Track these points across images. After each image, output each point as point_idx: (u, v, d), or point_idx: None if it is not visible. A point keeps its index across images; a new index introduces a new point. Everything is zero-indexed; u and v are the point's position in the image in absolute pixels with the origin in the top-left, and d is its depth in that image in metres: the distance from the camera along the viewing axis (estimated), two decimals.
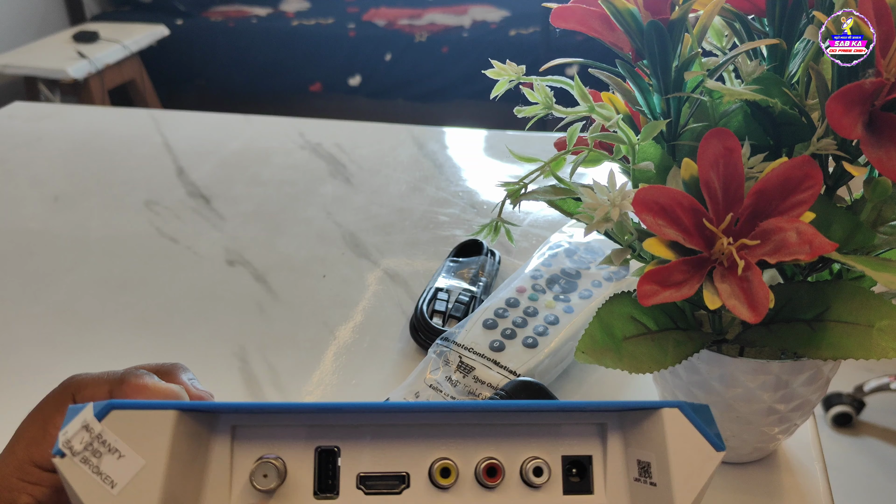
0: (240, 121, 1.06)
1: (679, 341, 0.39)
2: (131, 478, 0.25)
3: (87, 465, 0.25)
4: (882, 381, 1.62)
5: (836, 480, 0.50)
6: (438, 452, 0.29)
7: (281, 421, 0.28)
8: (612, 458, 0.29)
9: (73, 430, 0.25)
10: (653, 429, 0.28)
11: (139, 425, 0.26)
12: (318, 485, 0.28)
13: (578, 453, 0.29)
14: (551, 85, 0.42)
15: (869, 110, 0.34)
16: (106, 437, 0.25)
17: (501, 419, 0.29)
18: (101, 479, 0.25)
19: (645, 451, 0.29)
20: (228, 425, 0.28)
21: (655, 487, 0.28)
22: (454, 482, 0.28)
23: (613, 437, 0.30)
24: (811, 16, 0.39)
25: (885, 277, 0.33)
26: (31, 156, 0.97)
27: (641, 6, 0.38)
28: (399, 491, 0.28)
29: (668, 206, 0.35)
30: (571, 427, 0.30)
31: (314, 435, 0.28)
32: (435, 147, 0.97)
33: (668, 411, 0.28)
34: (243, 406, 0.27)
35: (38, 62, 2.37)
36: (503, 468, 0.29)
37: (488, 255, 0.68)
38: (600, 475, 0.29)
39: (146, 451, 0.25)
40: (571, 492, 0.29)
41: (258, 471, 0.27)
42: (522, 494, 0.29)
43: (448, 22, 2.81)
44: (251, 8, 3.03)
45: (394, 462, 0.29)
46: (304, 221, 0.80)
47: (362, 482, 0.28)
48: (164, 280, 0.71)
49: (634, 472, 0.29)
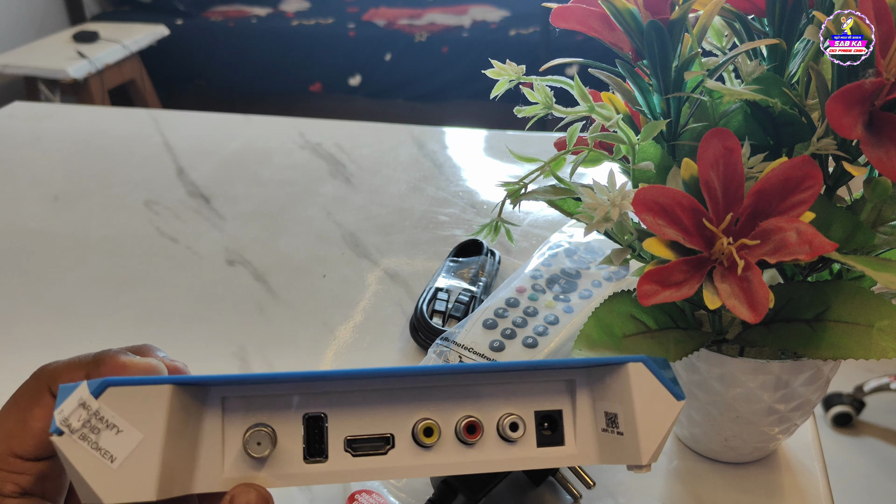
0: (240, 121, 1.06)
1: (679, 340, 0.39)
2: (130, 452, 0.26)
3: (85, 441, 0.25)
4: (882, 381, 1.62)
5: (836, 480, 0.50)
6: (420, 413, 0.30)
7: (269, 391, 0.29)
8: (580, 411, 0.32)
9: (69, 409, 0.26)
10: (619, 382, 0.30)
11: (135, 401, 0.26)
12: (307, 450, 0.29)
13: (549, 408, 0.31)
14: (551, 85, 0.42)
15: (869, 110, 0.34)
16: (103, 413, 0.26)
17: (477, 380, 0.31)
18: (101, 455, 0.26)
19: (612, 403, 0.31)
20: (219, 397, 0.29)
21: (622, 436, 0.30)
22: (437, 440, 0.30)
23: (582, 392, 0.32)
24: (811, 16, 0.39)
25: (885, 277, 0.33)
26: (31, 156, 0.97)
27: (641, 6, 0.38)
28: (385, 451, 0.30)
29: (668, 206, 0.35)
30: (543, 384, 0.31)
31: (301, 403, 0.30)
32: (435, 147, 0.97)
33: (633, 365, 0.30)
34: (233, 378, 0.28)
35: (38, 62, 2.37)
36: (482, 425, 0.30)
37: (488, 255, 0.68)
38: (570, 428, 0.32)
39: (143, 426, 0.26)
40: (544, 444, 0.31)
41: (251, 439, 0.28)
42: (500, 449, 0.31)
43: (448, 22, 2.81)
44: (251, 8, 3.03)
45: (378, 425, 0.30)
46: (304, 221, 0.80)
47: (349, 445, 0.30)
48: (164, 280, 0.71)
49: (602, 423, 0.31)
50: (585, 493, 0.46)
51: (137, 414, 0.26)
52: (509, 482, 0.48)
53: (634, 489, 0.48)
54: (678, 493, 0.47)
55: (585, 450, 0.31)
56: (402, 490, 0.46)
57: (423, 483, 0.47)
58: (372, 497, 0.45)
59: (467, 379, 0.31)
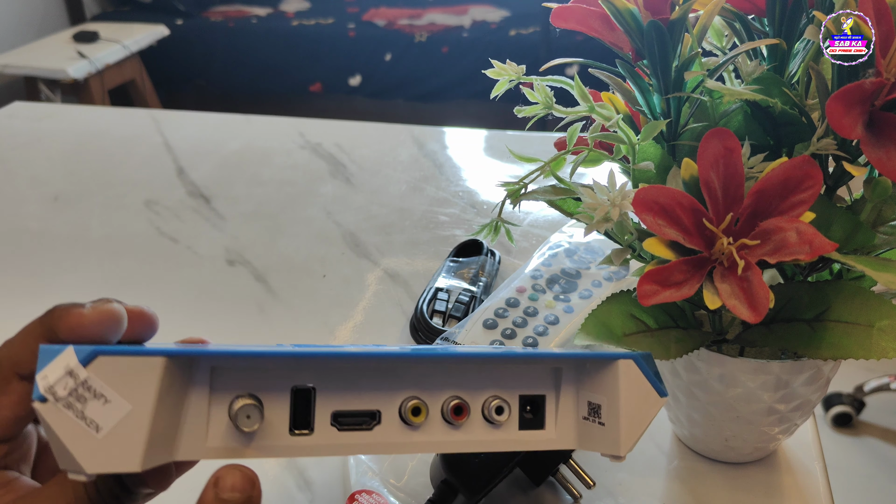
0: (240, 121, 1.06)
1: (679, 339, 0.39)
2: (117, 422, 0.25)
3: (70, 410, 0.24)
4: (882, 381, 1.62)
5: (836, 480, 0.50)
6: (409, 392, 0.31)
7: (258, 364, 0.29)
8: (564, 398, 0.33)
9: (54, 376, 0.24)
10: (607, 376, 0.32)
11: (126, 371, 0.25)
12: (293, 422, 0.29)
13: (534, 393, 0.32)
14: (551, 85, 0.42)
15: (869, 110, 0.34)
16: (91, 383, 0.25)
17: (467, 364, 0.32)
18: (86, 424, 0.25)
19: (597, 394, 0.32)
20: (208, 367, 0.28)
21: (603, 426, 0.32)
22: (424, 420, 0.31)
23: (567, 381, 0.33)
24: (811, 16, 0.39)
25: (885, 277, 0.33)
26: (31, 156, 0.97)
27: (641, 6, 0.38)
28: (371, 427, 0.30)
29: (668, 206, 0.35)
30: (530, 371, 0.33)
31: (290, 377, 0.29)
32: (435, 147, 0.97)
33: (623, 362, 0.31)
34: (225, 351, 0.28)
35: (38, 62, 2.37)
36: (468, 407, 0.31)
37: (488, 255, 0.68)
38: (552, 413, 0.33)
39: (133, 397, 0.25)
40: (526, 427, 0.32)
41: (241, 413, 0.28)
42: (484, 431, 0.32)
43: (448, 22, 2.81)
44: (251, 8, 3.03)
45: (366, 401, 0.30)
46: (304, 221, 0.80)
47: (336, 419, 0.30)
48: (164, 280, 0.71)
49: (584, 411, 0.32)
50: (585, 493, 0.46)
51: (127, 384, 0.25)
52: (509, 482, 0.48)
53: (635, 489, 0.48)
54: (678, 493, 0.47)
55: (564, 435, 0.33)
56: (402, 490, 0.46)
57: (423, 483, 0.47)
58: (372, 497, 0.45)
59: (456, 363, 0.31)
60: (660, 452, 0.50)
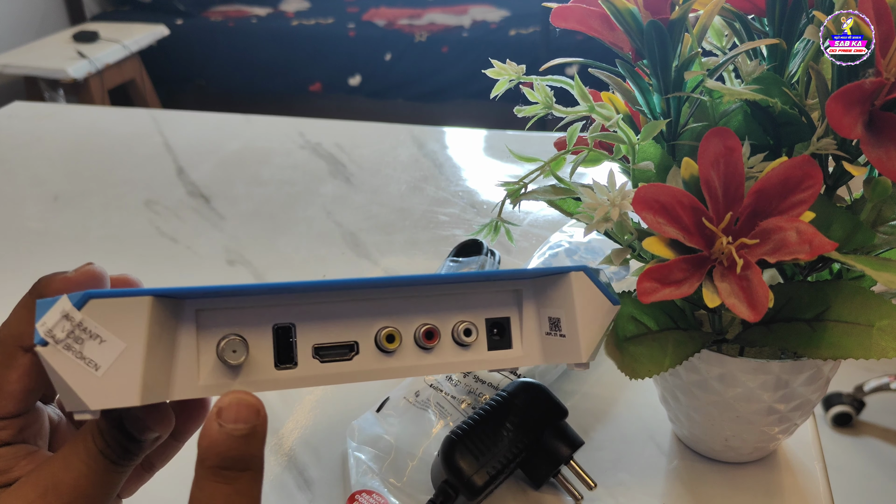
0: (240, 121, 1.06)
1: (679, 341, 0.39)
2: (114, 360, 0.27)
3: (70, 351, 0.26)
4: (882, 381, 1.62)
5: (836, 480, 0.50)
6: (382, 322, 0.33)
7: (240, 303, 0.31)
8: (526, 317, 0.35)
9: (52, 321, 0.26)
10: (562, 290, 0.34)
11: (117, 311, 0.27)
12: (277, 357, 0.31)
13: (499, 316, 0.35)
14: (551, 85, 0.42)
15: (869, 110, 0.34)
16: (86, 324, 0.26)
17: (434, 291, 0.34)
18: (86, 363, 0.26)
19: (555, 309, 0.34)
20: (193, 310, 0.30)
21: (565, 338, 0.34)
22: (398, 346, 0.33)
23: (528, 300, 0.35)
24: (811, 16, 0.39)
25: (885, 277, 0.33)
26: (31, 156, 0.97)
27: (641, 6, 0.38)
28: (350, 357, 0.32)
29: (668, 205, 0.35)
30: (492, 294, 0.35)
31: (271, 315, 0.31)
32: (435, 147, 0.97)
33: (575, 274, 0.34)
34: (207, 289, 0.30)
35: (38, 62, 2.37)
36: (439, 332, 0.33)
37: (488, 255, 0.68)
38: (517, 332, 0.35)
39: (125, 335, 0.27)
40: (494, 348, 0.34)
41: (227, 347, 0.30)
42: (455, 353, 0.34)
43: (448, 22, 2.81)
44: (251, 8, 3.03)
45: (344, 333, 0.32)
46: (304, 221, 0.80)
47: (317, 352, 0.32)
48: (164, 280, 0.71)
49: (546, 327, 0.35)
50: (586, 493, 0.46)
51: (119, 324, 0.27)
52: (510, 484, 0.48)
53: (635, 489, 0.48)
54: (678, 493, 0.47)
55: (530, 352, 0.35)
56: (402, 490, 0.46)
57: (423, 483, 0.47)
58: (372, 497, 0.45)
59: (425, 290, 0.33)
60: (660, 452, 0.50)
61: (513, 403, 0.46)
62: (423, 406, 0.50)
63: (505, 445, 0.44)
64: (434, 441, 0.49)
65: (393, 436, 0.49)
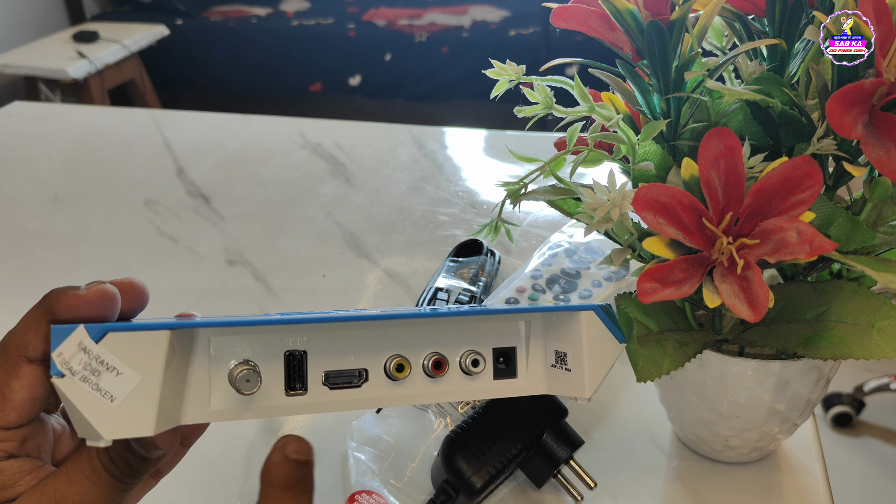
0: (240, 121, 1.06)
1: (680, 342, 0.39)
2: (130, 392, 0.27)
3: (86, 383, 0.27)
4: (882, 381, 1.62)
5: (836, 480, 0.50)
6: (392, 351, 0.33)
7: (253, 331, 0.31)
8: (533, 348, 0.36)
9: (69, 352, 0.27)
10: (571, 327, 0.35)
11: (134, 345, 0.27)
12: (288, 383, 0.32)
13: (505, 345, 0.35)
14: (551, 85, 0.42)
15: (869, 110, 0.34)
16: (104, 357, 0.27)
17: (443, 322, 0.34)
18: (101, 395, 0.27)
19: (562, 343, 0.35)
20: (206, 337, 0.31)
21: (570, 372, 0.35)
22: (407, 375, 0.33)
23: (535, 333, 0.36)
24: (811, 16, 0.39)
25: (885, 277, 0.33)
26: (31, 155, 0.97)
27: (641, 6, 0.38)
28: (359, 385, 0.33)
29: (668, 205, 0.35)
30: (501, 325, 0.35)
31: (282, 343, 0.32)
32: (435, 147, 0.97)
33: (585, 314, 0.35)
34: (221, 322, 0.30)
35: (38, 62, 2.37)
36: (447, 361, 0.34)
37: (488, 255, 0.68)
38: (523, 362, 0.36)
39: (142, 368, 0.27)
40: (500, 377, 0.35)
41: (241, 378, 0.30)
42: (462, 382, 0.34)
43: (448, 22, 2.81)
44: (251, 8, 3.03)
45: (354, 361, 0.33)
46: (304, 221, 0.80)
47: (327, 379, 0.32)
48: (164, 280, 0.71)
49: (552, 359, 0.35)
50: (586, 493, 0.46)
51: (137, 357, 0.27)
52: (510, 484, 0.48)
53: (635, 489, 0.48)
54: (678, 493, 0.47)
55: (535, 382, 0.36)
56: (402, 490, 0.46)
57: (423, 483, 0.47)
58: (372, 497, 0.45)
59: (435, 322, 0.34)
60: (660, 452, 0.50)
61: (513, 403, 0.46)
62: (423, 406, 0.50)
63: (505, 445, 0.44)
64: (434, 441, 0.49)
65: (393, 436, 0.49)
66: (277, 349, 0.32)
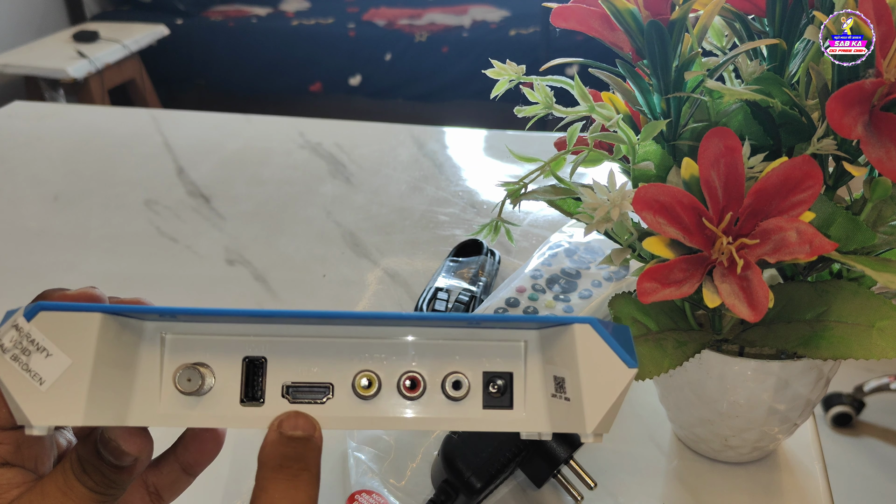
0: (240, 121, 1.06)
1: (680, 342, 0.39)
2: (59, 376, 0.26)
3: (16, 362, 0.26)
4: (882, 381, 1.62)
5: (836, 480, 0.50)
6: (362, 365, 0.29)
7: (209, 331, 0.29)
8: (531, 374, 0.30)
9: (4, 330, 0.26)
10: (566, 345, 0.28)
11: (65, 326, 0.26)
12: (244, 393, 0.29)
13: (499, 369, 0.30)
14: (551, 85, 0.42)
15: (869, 110, 0.34)
16: (34, 336, 0.26)
17: (426, 334, 0.30)
18: (31, 376, 0.26)
19: (559, 367, 0.29)
20: (158, 334, 0.29)
21: (569, 402, 0.28)
22: (376, 393, 0.29)
23: (533, 354, 0.30)
24: (811, 16, 0.39)
25: (885, 277, 0.33)
26: (31, 155, 0.97)
27: (641, 6, 0.38)
28: (323, 401, 0.29)
29: (668, 205, 0.35)
30: (492, 344, 0.30)
31: (242, 346, 0.29)
32: (435, 147, 0.97)
33: (579, 326, 0.28)
34: (167, 309, 0.28)
35: (38, 62, 2.37)
36: (424, 381, 0.29)
37: (488, 255, 0.68)
38: (520, 391, 0.30)
39: (73, 351, 0.26)
40: (491, 406, 0.30)
41: (182, 375, 0.28)
42: (443, 407, 0.29)
43: (448, 22, 2.81)
44: (251, 8, 3.03)
45: (319, 373, 0.29)
46: (304, 221, 0.80)
47: (287, 391, 0.29)
48: (164, 280, 0.71)
49: (552, 388, 0.29)
50: (586, 493, 0.46)
51: (67, 339, 0.26)
52: (510, 484, 0.48)
53: (635, 489, 0.48)
54: (678, 493, 0.47)
55: (534, 416, 0.30)
56: (402, 490, 0.46)
57: (423, 483, 0.47)
58: (372, 497, 0.45)
59: (414, 333, 0.30)
60: (660, 452, 0.50)
61: None
62: None
63: (505, 445, 0.44)
64: (434, 441, 0.49)
65: (393, 436, 0.49)
66: (236, 353, 0.29)
